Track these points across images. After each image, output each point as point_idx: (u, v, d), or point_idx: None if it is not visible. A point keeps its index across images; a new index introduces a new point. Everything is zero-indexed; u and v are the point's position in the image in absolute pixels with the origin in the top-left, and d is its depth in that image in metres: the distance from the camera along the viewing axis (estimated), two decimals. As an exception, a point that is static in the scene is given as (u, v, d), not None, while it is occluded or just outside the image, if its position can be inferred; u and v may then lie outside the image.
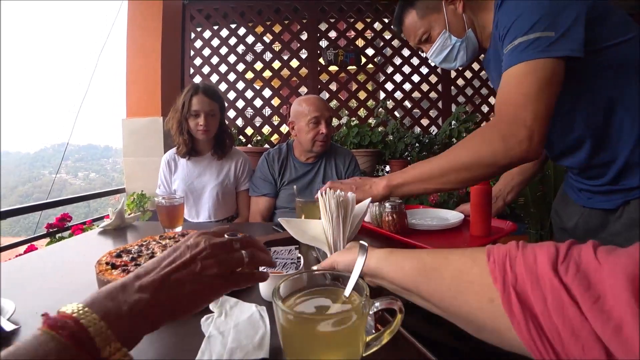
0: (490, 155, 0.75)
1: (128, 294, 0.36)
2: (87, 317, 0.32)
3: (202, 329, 0.56)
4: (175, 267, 0.40)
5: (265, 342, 0.52)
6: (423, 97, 3.10)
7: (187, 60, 3.03)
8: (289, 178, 1.62)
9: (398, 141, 2.70)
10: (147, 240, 0.92)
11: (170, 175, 1.71)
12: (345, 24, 3.08)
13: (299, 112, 1.58)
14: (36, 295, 0.74)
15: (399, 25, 1.04)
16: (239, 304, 0.63)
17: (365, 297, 0.39)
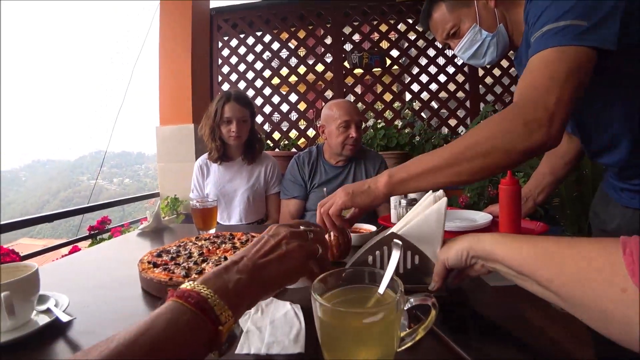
0: (508, 139, 0.68)
1: (230, 274, 0.43)
2: (204, 290, 0.39)
3: (240, 324, 0.59)
4: (263, 252, 0.47)
5: (300, 338, 0.54)
6: (450, 97, 3.05)
7: (215, 68, 3.13)
8: (319, 181, 1.65)
9: (425, 142, 2.67)
10: (184, 242, 0.96)
11: (203, 179, 1.78)
12: (369, 26, 3.09)
13: (330, 116, 1.61)
14: (85, 290, 0.79)
15: (427, 20, 1.02)
16: (274, 301, 0.65)
17: (400, 293, 0.40)
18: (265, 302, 0.64)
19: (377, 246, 0.64)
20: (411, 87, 3.10)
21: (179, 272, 0.72)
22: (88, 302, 0.71)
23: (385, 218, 1.24)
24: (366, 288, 0.46)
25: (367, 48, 3.09)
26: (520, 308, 0.62)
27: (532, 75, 0.71)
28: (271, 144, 3.05)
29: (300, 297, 0.67)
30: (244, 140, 1.72)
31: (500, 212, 0.95)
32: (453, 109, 3.07)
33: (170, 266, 0.77)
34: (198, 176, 1.79)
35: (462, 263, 0.54)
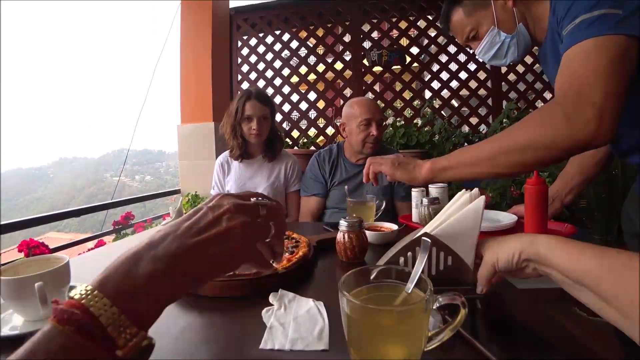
0: (550, 135, 0.67)
1: (142, 266, 0.32)
2: (97, 303, 0.29)
3: (264, 319, 0.59)
4: (197, 229, 0.36)
5: (324, 335, 0.54)
6: (471, 95, 2.99)
7: (234, 67, 3.17)
8: (340, 178, 1.64)
9: (446, 141, 2.63)
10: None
11: (224, 177, 1.81)
12: (388, 23, 3.06)
13: (350, 114, 1.60)
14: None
15: (446, 23, 1.03)
16: (297, 298, 0.65)
17: (430, 292, 0.39)
18: (288, 299, 0.65)
19: (409, 247, 0.63)
20: (431, 84, 3.05)
21: (202, 267, 0.73)
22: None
23: (406, 217, 1.22)
24: (393, 286, 0.46)
25: (386, 45, 3.06)
26: (547, 311, 0.60)
27: (571, 69, 0.68)
28: (290, 142, 3.07)
29: (323, 294, 0.67)
30: (264, 137, 1.74)
31: (526, 212, 0.92)
32: (474, 106, 3.01)
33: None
34: (219, 173, 1.82)
35: (512, 266, 0.49)
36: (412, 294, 0.43)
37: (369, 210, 1.12)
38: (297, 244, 0.86)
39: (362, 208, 1.11)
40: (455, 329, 0.42)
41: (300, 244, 0.86)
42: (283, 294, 0.66)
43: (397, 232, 0.98)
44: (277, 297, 0.65)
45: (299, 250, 0.81)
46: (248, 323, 0.59)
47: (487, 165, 0.75)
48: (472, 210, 0.59)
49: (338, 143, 1.75)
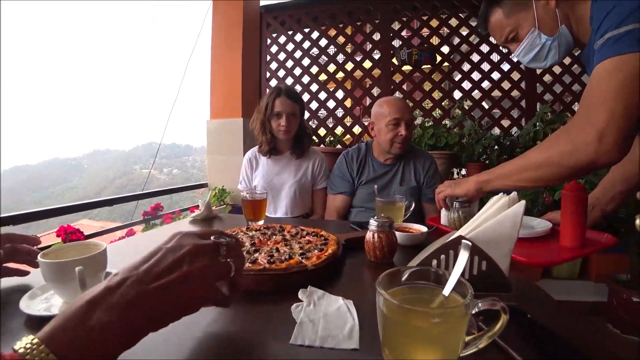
0: (556, 154, 0.75)
1: (97, 316, 0.31)
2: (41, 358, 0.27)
3: (293, 315, 0.59)
4: (155, 273, 0.35)
5: (355, 334, 0.53)
6: (504, 96, 2.89)
7: (263, 65, 3.21)
8: (367, 177, 1.64)
9: (476, 143, 2.56)
10: (235, 231, 0.99)
11: (252, 172, 1.83)
12: (419, 22, 3.00)
13: (380, 113, 1.59)
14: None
15: (484, 24, 1.00)
16: (326, 295, 0.65)
17: (471, 295, 0.38)
18: (317, 296, 0.65)
19: (443, 250, 0.62)
20: (462, 85, 2.97)
21: (232, 260, 0.75)
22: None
23: (434, 219, 1.20)
24: (430, 288, 0.45)
25: (416, 44, 3.01)
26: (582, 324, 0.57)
27: (589, 87, 0.70)
28: (317, 140, 3.07)
29: (351, 293, 0.67)
30: (292, 134, 1.75)
31: (563, 220, 0.88)
32: (506, 108, 2.91)
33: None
34: (247, 168, 1.84)
35: None
36: (449, 297, 0.42)
37: (398, 211, 1.10)
38: (325, 241, 0.86)
39: (391, 208, 1.10)
40: (494, 336, 0.41)
41: (329, 241, 0.86)
42: (312, 290, 0.67)
43: (426, 234, 0.97)
44: (307, 293, 0.66)
45: (328, 248, 0.81)
46: (277, 317, 0.60)
47: (515, 179, 0.86)
48: (511, 215, 0.57)
49: (367, 142, 1.74)
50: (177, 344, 0.52)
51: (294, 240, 0.89)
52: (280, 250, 0.80)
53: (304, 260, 0.74)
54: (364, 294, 0.70)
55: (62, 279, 0.62)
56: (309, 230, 0.97)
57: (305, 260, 0.74)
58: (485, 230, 0.58)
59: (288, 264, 0.71)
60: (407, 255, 0.89)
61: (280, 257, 0.75)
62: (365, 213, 1.57)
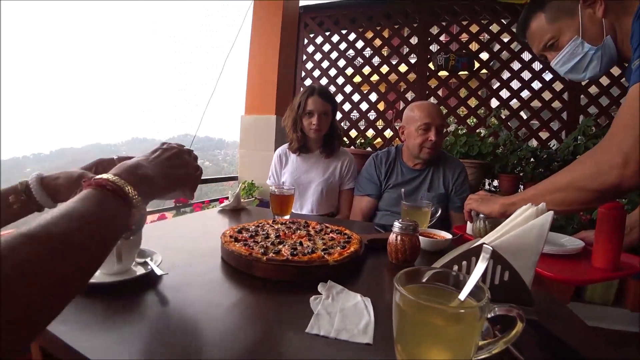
0: (581, 177, 0.73)
1: (142, 171, 0.50)
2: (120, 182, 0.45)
3: (311, 306, 0.62)
4: (168, 155, 0.57)
5: (369, 330, 0.55)
6: (544, 107, 2.77)
7: (299, 64, 3.25)
8: (395, 182, 1.63)
9: (510, 154, 2.48)
10: (262, 223, 1.03)
11: (281, 168, 1.87)
12: (459, 26, 2.94)
13: (410, 117, 1.59)
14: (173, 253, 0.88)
15: (523, 30, 0.98)
16: (345, 291, 0.67)
17: (487, 299, 0.39)
18: (336, 291, 0.67)
19: (464, 256, 0.61)
20: (500, 93, 2.88)
21: (257, 250, 0.78)
22: (176, 263, 0.80)
23: (460, 228, 1.18)
24: (448, 291, 0.45)
25: (454, 49, 2.95)
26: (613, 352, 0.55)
27: (621, 109, 0.69)
28: (347, 142, 3.08)
29: (369, 292, 0.68)
30: (323, 133, 1.77)
31: (596, 238, 0.84)
32: (546, 120, 2.79)
33: (249, 242, 0.83)
34: (276, 164, 1.88)
35: None
36: (464, 302, 0.42)
37: (424, 216, 1.10)
38: (349, 239, 0.88)
39: (417, 213, 1.10)
40: (508, 343, 0.41)
41: (352, 240, 0.88)
42: (332, 285, 0.69)
43: (450, 241, 0.96)
44: (326, 287, 0.68)
45: (350, 246, 0.83)
46: (296, 307, 0.62)
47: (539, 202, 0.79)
48: (538, 225, 0.56)
49: (397, 146, 1.73)
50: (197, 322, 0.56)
51: (318, 236, 0.92)
52: (303, 244, 0.83)
53: (326, 255, 0.76)
54: (382, 294, 0.71)
55: None
56: (333, 228, 0.99)
57: (327, 255, 0.76)
58: (510, 239, 0.57)
59: (310, 258, 0.74)
60: (428, 260, 0.89)
61: (303, 250, 0.78)
62: (390, 217, 1.57)
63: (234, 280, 0.73)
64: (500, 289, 0.59)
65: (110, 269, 0.68)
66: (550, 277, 0.77)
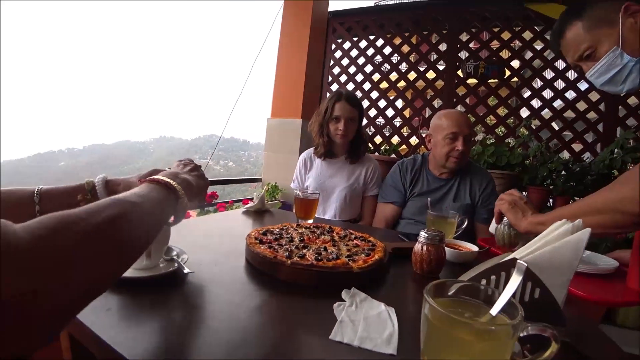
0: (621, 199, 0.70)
1: (181, 176, 0.63)
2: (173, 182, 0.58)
3: (335, 312, 0.62)
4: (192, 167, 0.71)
5: (393, 340, 0.54)
6: (578, 118, 2.66)
7: (326, 69, 3.27)
8: (420, 190, 1.61)
9: (540, 166, 2.39)
10: (286, 226, 1.04)
11: (305, 172, 1.88)
12: (489, 33, 2.88)
13: (438, 125, 1.56)
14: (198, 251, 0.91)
15: (558, 38, 0.94)
16: (368, 299, 0.67)
17: (521, 317, 0.38)
18: (360, 298, 0.67)
19: (494, 270, 0.59)
20: (531, 102, 2.80)
21: (282, 253, 0.79)
22: (201, 262, 0.82)
23: (485, 240, 1.15)
24: (478, 305, 0.44)
25: (484, 57, 2.89)
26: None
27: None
28: (372, 148, 3.07)
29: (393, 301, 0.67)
30: (350, 139, 1.77)
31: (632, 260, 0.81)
32: (580, 131, 2.68)
33: (274, 245, 0.84)
34: (301, 168, 1.90)
35: None
36: (497, 317, 0.42)
37: (450, 227, 1.08)
38: (373, 247, 0.88)
39: (443, 223, 1.08)
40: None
41: (377, 247, 0.87)
42: (355, 292, 0.68)
43: (476, 253, 0.94)
44: (350, 294, 0.68)
45: (375, 254, 0.82)
46: (318, 313, 0.62)
47: None
48: (574, 242, 0.54)
49: (423, 154, 1.71)
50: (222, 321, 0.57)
51: (342, 242, 0.92)
52: (327, 250, 0.83)
53: (350, 262, 0.76)
54: (406, 304, 0.71)
55: None
56: (357, 235, 0.99)
57: (351, 262, 0.76)
58: (543, 256, 0.55)
59: (335, 264, 0.74)
60: (454, 272, 0.87)
61: (328, 256, 0.78)
62: (414, 226, 1.55)
63: (258, 282, 0.74)
64: (531, 307, 0.57)
65: (139, 264, 0.71)
66: (581, 297, 0.74)
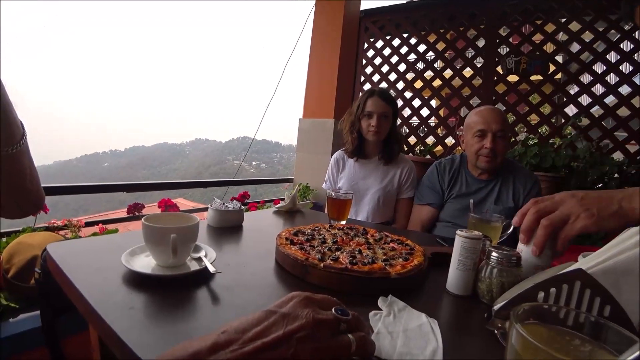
0: None
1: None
2: None
3: (370, 322, 0.57)
4: (261, 344, 0.33)
5: (438, 357, 0.49)
6: (634, 115, 2.44)
7: (358, 68, 3.23)
8: (458, 192, 1.53)
9: (590, 168, 2.21)
10: (318, 227, 1.00)
11: (338, 172, 1.84)
12: (532, 26, 2.71)
13: (468, 123, 1.50)
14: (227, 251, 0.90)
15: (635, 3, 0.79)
16: (408, 309, 0.61)
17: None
18: (398, 307, 0.62)
19: (555, 282, 0.51)
20: (578, 99, 2.59)
21: (314, 254, 0.75)
22: (229, 262, 0.80)
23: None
24: (583, 341, 0.36)
25: (526, 52, 2.72)
26: None
27: None
28: (406, 149, 2.99)
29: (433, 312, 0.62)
30: (383, 137, 1.70)
31: None
32: (636, 130, 2.46)
33: (305, 246, 0.81)
34: (333, 169, 1.85)
35: None
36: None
37: (493, 231, 1.00)
38: (411, 251, 0.82)
39: (486, 227, 1.00)
40: None
41: (415, 252, 0.82)
42: (393, 300, 0.63)
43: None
44: (387, 302, 0.63)
45: (413, 259, 0.77)
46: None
47: None
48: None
49: (462, 154, 1.63)
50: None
51: (377, 245, 0.87)
52: (362, 253, 0.78)
53: (387, 267, 0.71)
54: (448, 316, 0.65)
55: (158, 242, 0.69)
56: (393, 237, 0.94)
57: (389, 267, 0.71)
58: (614, 266, 0.48)
59: (371, 268, 0.69)
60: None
61: (363, 259, 0.74)
62: (451, 229, 1.46)
63: (288, 285, 0.71)
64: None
65: (165, 261, 0.70)
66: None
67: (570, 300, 0.50)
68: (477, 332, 0.60)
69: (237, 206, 1.14)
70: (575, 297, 0.50)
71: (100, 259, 0.75)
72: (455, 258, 0.72)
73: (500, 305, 0.58)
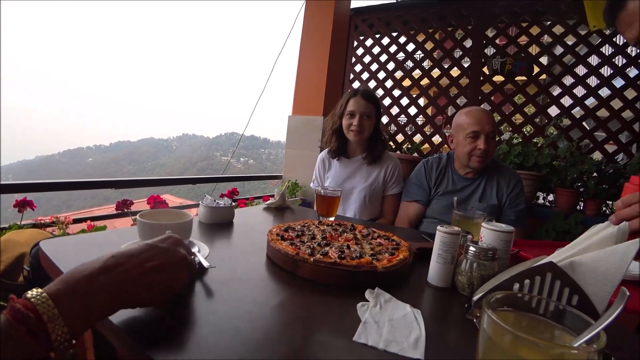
0: None
1: (92, 290, 0.40)
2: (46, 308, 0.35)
3: (358, 313, 0.60)
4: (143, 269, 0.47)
5: (420, 345, 0.52)
6: (613, 116, 2.53)
7: (348, 66, 3.24)
8: (445, 189, 1.58)
9: (570, 167, 2.29)
10: (307, 223, 1.03)
11: (324, 172, 1.85)
12: (518, 29, 2.77)
13: (458, 124, 1.53)
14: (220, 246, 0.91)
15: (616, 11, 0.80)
16: (393, 300, 0.65)
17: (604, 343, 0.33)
18: (384, 299, 0.65)
19: (529, 274, 0.55)
20: (561, 100, 2.67)
21: (304, 250, 0.78)
22: (222, 257, 0.82)
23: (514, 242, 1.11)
24: (547, 324, 0.40)
25: (512, 53, 2.79)
26: None
27: None
28: (393, 146, 3.02)
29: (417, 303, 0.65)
30: (365, 136, 1.69)
31: None
32: (614, 131, 2.55)
33: (295, 242, 0.83)
34: (320, 168, 1.87)
35: None
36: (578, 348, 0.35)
37: (475, 227, 1.04)
38: (397, 246, 0.86)
39: (469, 223, 1.05)
40: None
41: (401, 247, 0.85)
42: (379, 292, 0.67)
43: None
44: (374, 294, 0.66)
45: (399, 253, 0.80)
46: (342, 312, 0.61)
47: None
48: (621, 252, 0.50)
49: (449, 152, 1.67)
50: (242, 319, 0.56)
51: (365, 240, 0.90)
52: (350, 248, 0.81)
53: (374, 261, 0.74)
54: (431, 307, 0.68)
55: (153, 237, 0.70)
56: (380, 233, 0.97)
57: (375, 261, 0.74)
58: (584, 260, 0.52)
59: (359, 262, 0.72)
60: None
61: (351, 254, 0.77)
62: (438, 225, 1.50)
63: (279, 280, 0.73)
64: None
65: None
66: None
67: (543, 291, 0.54)
68: (457, 321, 0.63)
69: (228, 203, 1.16)
70: (547, 288, 0.54)
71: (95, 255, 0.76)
72: (435, 252, 0.76)
73: (479, 296, 0.62)
